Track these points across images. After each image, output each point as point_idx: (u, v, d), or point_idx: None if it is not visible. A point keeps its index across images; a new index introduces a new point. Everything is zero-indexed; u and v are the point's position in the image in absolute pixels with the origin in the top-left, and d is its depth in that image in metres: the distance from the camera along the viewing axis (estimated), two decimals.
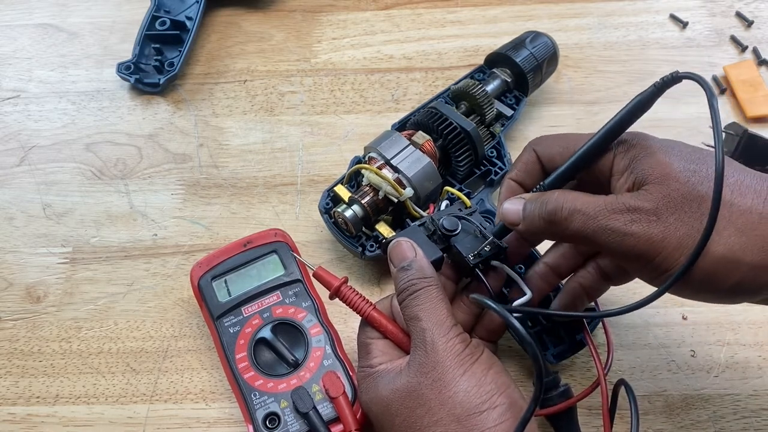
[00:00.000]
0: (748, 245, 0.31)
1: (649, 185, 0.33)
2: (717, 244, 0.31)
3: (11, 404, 0.47)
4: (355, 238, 0.49)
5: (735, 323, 0.48)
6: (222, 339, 0.44)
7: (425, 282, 0.38)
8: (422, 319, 0.37)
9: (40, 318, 0.50)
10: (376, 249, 0.48)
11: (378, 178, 0.47)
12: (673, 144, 0.35)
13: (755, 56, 0.61)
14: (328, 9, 0.67)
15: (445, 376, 0.35)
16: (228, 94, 0.61)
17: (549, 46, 0.55)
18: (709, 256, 0.31)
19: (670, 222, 0.32)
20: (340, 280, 0.42)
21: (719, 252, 0.31)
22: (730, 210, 0.32)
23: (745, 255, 0.31)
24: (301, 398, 0.41)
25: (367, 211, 0.47)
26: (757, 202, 0.32)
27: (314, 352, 0.44)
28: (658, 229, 0.32)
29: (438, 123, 0.49)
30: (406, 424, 0.36)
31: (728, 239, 0.31)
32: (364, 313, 0.40)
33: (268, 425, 0.41)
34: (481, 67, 0.57)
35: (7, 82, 0.63)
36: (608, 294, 0.49)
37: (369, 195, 0.48)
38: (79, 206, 0.55)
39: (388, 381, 0.37)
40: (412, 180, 0.47)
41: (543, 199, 0.36)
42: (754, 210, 0.32)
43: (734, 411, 0.44)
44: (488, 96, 0.52)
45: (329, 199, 0.50)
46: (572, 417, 0.41)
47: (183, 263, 0.52)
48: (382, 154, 0.48)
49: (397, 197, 0.47)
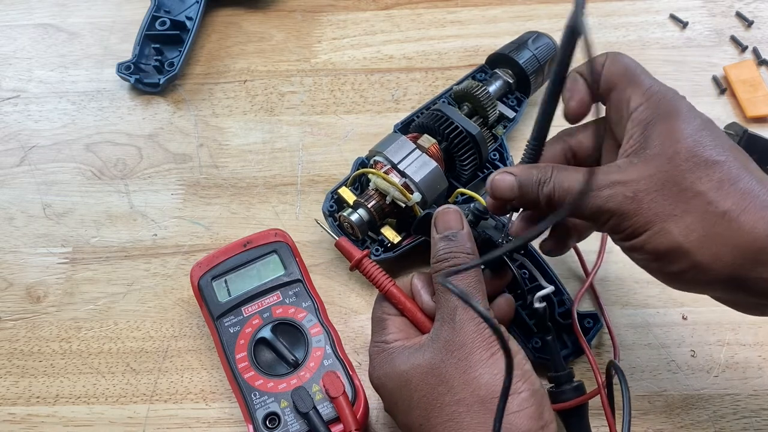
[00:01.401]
0: (705, 246, 0.32)
1: (646, 152, 0.34)
2: (678, 230, 0.33)
3: (11, 404, 0.47)
4: (360, 241, 0.49)
5: (735, 323, 0.48)
6: (222, 339, 0.44)
7: (466, 258, 0.37)
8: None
9: (40, 318, 0.50)
10: (381, 253, 0.48)
11: (386, 184, 0.47)
12: (693, 118, 0.35)
13: (755, 56, 0.61)
14: (328, 9, 0.67)
15: (471, 356, 0.35)
16: (228, 94, 0.61)
17: (551, 47, 0.55)
18: (665, 237, 0.33)
19: (645, 201, 0.33)
20: (362, 253, 0.41)
21: (675, 238, 0.33)
22: (705, 207, 0.32)
23: (697, 252, 0.32)
24: (301, 398, 0.41)
25: (373, 216, 0.47)
26: (735, 210, 0.32)
27: (314, 352, 0.44)
28: (631, 206, 0.34)
29: (443, 126, 0.49)
30: (425, 401, 0.35)
31: (690, 232, 0.32)
32: (384, 287, 0.40)
33: (268, 425, 0.41)
34: (482, 67, 0.57)
35: (7, 82, 0.63)
36: (609, 294, 0.49)
37: (375, 199, 0.47)
38: (79, 206, 0.55)
39: (408, 356, 0.36)
40: (419, 185, 0.47)
41: (540, 178, 0.36)
42: (727, 217, 0.32)
43: (734, 411, 0.44)
44: (491, 98, 0.52)
45: (333, 201, 0.50)
46: (583, 414, 0.41)
47: (183, 263, 0.52)
48: (389, 158, 0.48)
49: (405, 202, 0.47)
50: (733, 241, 0.32)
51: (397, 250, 0.48)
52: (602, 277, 0.50)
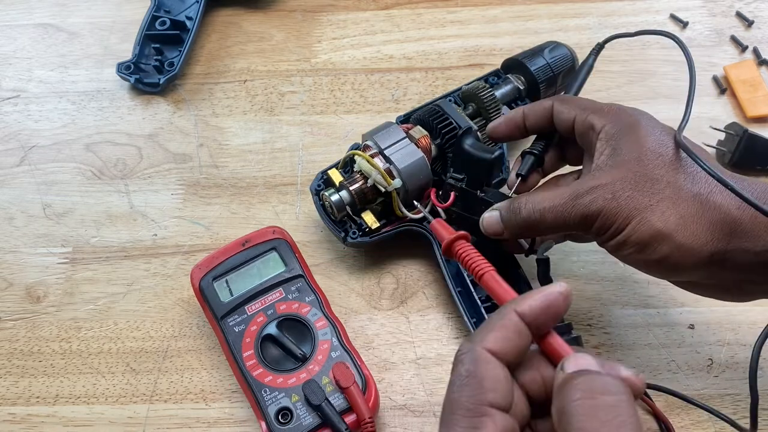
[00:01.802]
0: (682, 226, 0.35)
1: (617, 159, 0.38)
2: (656, 217, 0.35)
3: (11, 404, 0.47)
4: (340, 223, 0.49)
5: (735, 323, 0.48)
6: (228, 339, 0.44)
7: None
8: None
9: (40, 318, 0.50)
10: (358, 236, 0.48)
11: (368, 166, 0.47)
12: (653, 126, 0.39)
13: (755, 56, 0.61)
14: (328, 9, 0.67)
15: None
16: (228, 94, 0.61)
17: (567, 59, 0.54)
18: (646, 226, 0.36)
19: (623, 198, 0.36)
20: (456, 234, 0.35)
21: (656, 225, 0.35)
22: (677, 193, 0.36)
23: (677, 234, 0.35)
24: (312, 391, 0.41)
25: (353, 198, 0.48)
26: (704, 192, 0.36)
27: (321, 345, 0.44)
28: (612, 204, 0.36)
29: (437, 121, 0.49)
30: None
31: (667, 217, 0.35)
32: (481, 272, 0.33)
33: (281, 420, 0.41)
34: (496, 70, 0.56)
35: (7, 82, 0.63)
36: (609, 294, 0.49)
37: (358, 182, 0.48)
38: (79, 206, 0.55)
39: None
40: (401, 172, 0.47)
41: (514, 208, 0.40)
42: (698, 198, 0.36)
43: (734, 411, 0.44)
44: (496, 101, 0.51)
45: (322, 181, 0.51)
46: None
47: (183, 263, 0.52)
48: (377, 143, 0.48)
49: (385, 187, 0.47)
50: (707, 219, 0.35)
51: (375, 236, 0.49)
52: (602, 277, 0.50)
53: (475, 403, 0.26)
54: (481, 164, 0.44)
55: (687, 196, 0.36)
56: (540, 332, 0.29)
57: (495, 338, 0.28)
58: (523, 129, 0.45)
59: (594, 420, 0.25)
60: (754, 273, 0.36)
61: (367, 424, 0.40)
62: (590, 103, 0.42)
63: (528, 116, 0.44)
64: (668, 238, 0.35)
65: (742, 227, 0.35)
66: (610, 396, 0.25)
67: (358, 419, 0.41)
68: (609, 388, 0.25)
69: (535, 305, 0.28)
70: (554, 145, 0.46)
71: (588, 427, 0.25)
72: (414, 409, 0.45)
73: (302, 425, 0.41)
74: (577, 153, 0.44)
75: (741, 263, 0.36)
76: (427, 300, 0.50)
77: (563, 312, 0.29)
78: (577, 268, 0.50)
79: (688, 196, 0.36)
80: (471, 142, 0.46)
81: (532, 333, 0.28)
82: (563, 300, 0.28)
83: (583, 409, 0.25)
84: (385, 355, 0.48)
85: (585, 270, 0.50)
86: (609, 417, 0.25)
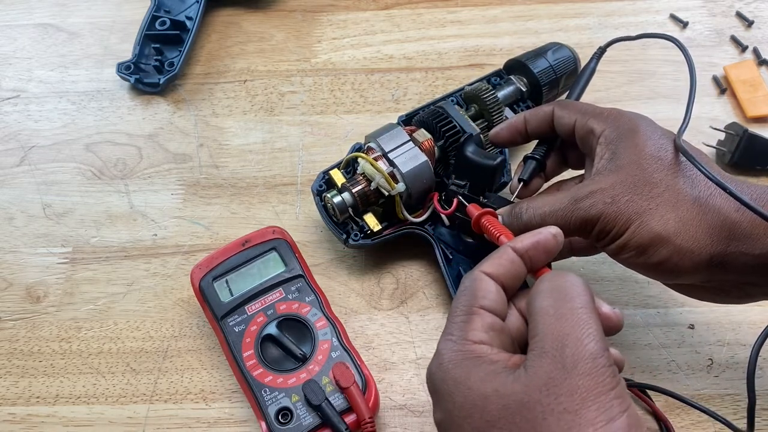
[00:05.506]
0: (682, 230, 0.35)
1: (616, 163, 0.38)
2: (655, 221, 0.36)
3: (11, 404, 0.47)
4: (341, 224, 0.49)
5: (735, 323, 0.48)
6: (228, 339, 0.44)
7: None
8: None
9: (40, 318, 0.50)
10: (360, 239, 0.48)
11: (372, 169, 0.47)
12: (653, 131, 0.39)
13: (755, 56, 0.61)
14: (328, 9, 0.67)
15: (580, 413, 0.27)
16: (228, 94, 0.61)
17: (570, 61, 0.54)
18: (645, 229, 0.36)
19: (623, 203, 0.37)
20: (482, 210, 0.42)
21: (655, 229, 0.36)
22: (677, 197, 0.36)
23: (677, 237, 0.35)
24: (312, 391, 0.42)
25: (356, 200, 0.48)
26: (704, 196, 0.36)
27: (321, 345, 0.44)
28: (612, 208, 0.37)
29: (441, 124, 0.49)
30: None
31: (666, 220, 0.36)
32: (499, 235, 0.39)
33: (281, 420, 0.41)
34: (498, 71, 0.56)
35: (7, 82, 0.63)
36: (609, 294, 0.49)
37: (361, 184, 0.48)
38: (79, 206, 0.55)
39: (492, 375, 0.30)
40: (405, 176, 0.47)
41: (516, 213, 0.41)
42: (698, 201, 0.36)
43: (734, 411, 0.44)
44: (498, 103, 0.51)
45: (323, 181, 0.50)
46: None
47: (183, 263, 0.52)
48: (381, 146, 0.48)
49: (389, 191, 0.47)
50: (706, 222, 0.36)
51: (376, 239, 0.48)
52: (602, 277, 0.50)
53: (468, 305, 0.33)
54: (484, 171, 0.45)
55: (686, 200, 0.36)
56: (534, 267, 0.35)
57: (490, 264, 0.34)
58: (524, 134, 0.45)
59: (549, 298, 0.31)
60: (753, 275, 0.36)
61: (367, 424, 0.40)
62: (590, 107, 0.42)
63: (529, 121, 0.45)
64: (668, 242, 0.35)
65: (741, 230, 0.35)
66: (570, 282, 0.31)
67: (358, 419, 0.41)
68: (571, 279, 0.31)
69: (526, 241, 0.34)
70: (556, 149, 0.46)
71: (545, 305, 0.30)
72: (414, 409, 0.46)
73: (302, 425, 0.41)
74: (579, 157, 0.45)
75: (740, 266, 0.36)
76: (427, 300, 0.50)
77: (553, 249, 0.34)
78: (577, 268, 0.50)
79: (687, 199, 0.36)
80: (473, 149, 0.46)
81: (525, 265, 0.34)
82: (553, 238, 0.34)
83: (545, 291, 0.31)
84: (385, 355, 0.48)
85: (585, 270, 0.51)
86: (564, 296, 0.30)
